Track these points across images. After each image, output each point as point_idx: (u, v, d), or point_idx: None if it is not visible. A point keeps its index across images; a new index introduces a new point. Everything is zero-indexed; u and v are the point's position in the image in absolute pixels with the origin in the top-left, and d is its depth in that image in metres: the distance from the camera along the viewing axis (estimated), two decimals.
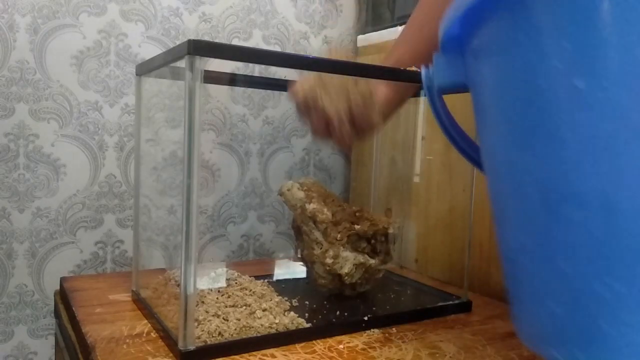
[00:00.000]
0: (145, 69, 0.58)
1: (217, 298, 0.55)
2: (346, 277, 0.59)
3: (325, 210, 0.59)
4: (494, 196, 0.36)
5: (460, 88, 0.40)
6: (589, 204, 0.26)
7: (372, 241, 0.62)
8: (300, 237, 0.63)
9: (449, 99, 0.43)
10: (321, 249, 0.59)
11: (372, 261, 0.61)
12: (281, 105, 0.95)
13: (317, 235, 0.59)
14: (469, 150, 0.44)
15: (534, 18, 0.28)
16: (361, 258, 0.60)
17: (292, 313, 0.53)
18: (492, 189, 0.36)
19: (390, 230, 0.63)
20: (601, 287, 0.26)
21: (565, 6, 0.26)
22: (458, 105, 0.47)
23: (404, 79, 0.57)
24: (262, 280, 0.64)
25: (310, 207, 0.59)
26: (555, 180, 0.28)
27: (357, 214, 0.62)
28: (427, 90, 0.43)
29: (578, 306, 0.28)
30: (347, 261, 0.59)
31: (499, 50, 0.32)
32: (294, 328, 0.51)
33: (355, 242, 0.61)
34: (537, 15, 0.28)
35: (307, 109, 0.59)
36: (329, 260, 0.59)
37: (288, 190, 0.61)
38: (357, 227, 0.61)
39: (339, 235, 0.59)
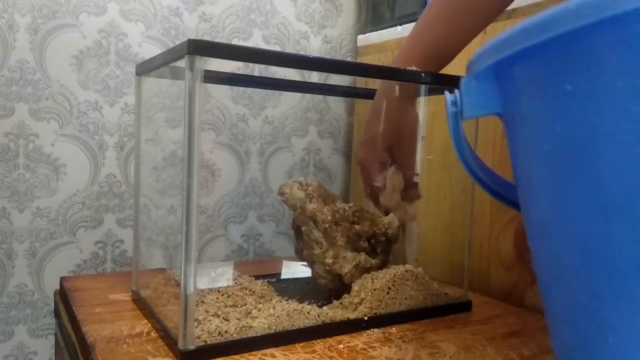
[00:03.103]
0: (145, 68, 0.58)
1: (217, 298, 0.55)
2: (346, 277, 0.59)
3: (325, 210, 0.59)
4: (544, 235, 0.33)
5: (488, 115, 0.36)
6: None
7: (372, 241, 0.62)
8: (300, 237, 0.63)
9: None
10: (321, 248, 0.59)
11: (372, 261, 0.61)
12: (281, 105, 0.95)
13: (317, 235, 0.59)
14: (498, 188, 0.40)
15: (601, 54, 0.25)
16: (361, 258, 0.60)
17: (289, 312, 0.53)
18: (541, 231, 0.33)
19: (390, 231, 0.63)
20: None
21: None
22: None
23: (404, 79, 0.57)
24: (262, 280, 0.64)
25: (310, 207, 0.59)
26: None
27: (357, 214, 0.62)
28: (451, 120, 0.37)
29: None
30: (347, 261, 0.59)
31: (553, 81, 0.27)
32: (293, 328, 0.51)
33: (355, 241, 0.61)
34: (604, 51, 0.24)
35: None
36: (329, 260, 0.59)
37: (288, 190, 0.60)
38: (357, 227, 0.61)
39: (338, 235, 0.59)
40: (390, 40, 0.93)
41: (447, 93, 0.37)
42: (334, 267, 0.59)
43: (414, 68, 0.56)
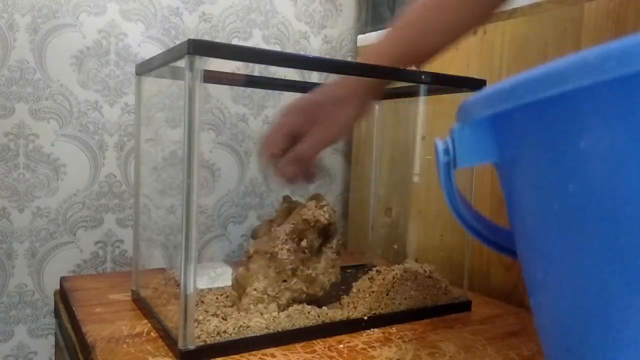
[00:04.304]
0: (145, 68, 0.58)
1: (217, 298, 0.55)
2: (322, 293, 0.56)
3: (256, 283, 0.54)
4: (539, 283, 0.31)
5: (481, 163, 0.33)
6: None
7: (317, 235, 0.57)
8: None
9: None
10: (286, 284, 0.55)
11: (329, 253, 0.57)
12: (281, 105, 0.95)
13: (276, 278, 0.55)
14: (495, 238, 0.38)
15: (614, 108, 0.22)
16: (303, 286, 0.55)
17: (290, 312, 0.53)
18: (537, 277, 0.31)
19: (323, 220, 0.56)
20: None
21: None
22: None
23: (403, 79, 0.57)
24: None
25: (287, 292, 0.54)
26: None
27: (289, 221, 0.57)
28: (443, 169, 0.34)
29: None
30: (314, 281, 0.55)
31: (565, 137, 0.25)
32: (293, 328, 0.51)
33: (309, 246, 0.56)
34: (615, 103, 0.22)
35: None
36: (316, 290, 0.56)
37: (253, 294, 0.54)
38: (302, 243, 0.56)
39: (300, 265, 0.55)
40: None
41: (438, 141, 0.34)
42: (318, 294, 0.56)
43: (413, 68, 0.56)
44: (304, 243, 0.55)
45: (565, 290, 0.28)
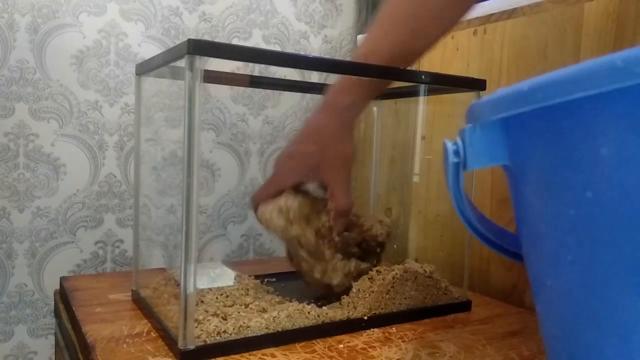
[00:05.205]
0: (145, 68, 0.58)
1: (217, 297, 0.55)
2: (337, 287, 0.59)
3: (307, 233, 0.57)
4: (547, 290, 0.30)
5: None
6: None
7: (363, 245, 0.62)
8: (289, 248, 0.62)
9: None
10: (309, 265, 0.58)
11: (362, 265, 0.61)
12: (281, 105, 0.95)
13: (304, 254, 0.58)
14: (500, 242, 0.37)
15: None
16: (352, 266, 0.59)
17: (290, 312, 0.53)
18: (544, 282, 0.30)
19: (380, 239, 0.62)
20: None
21: None
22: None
23: (403, 79, 0.57)
24: (261, 280, 0.64)
25: (293, 232, 0.57)
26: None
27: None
28: (452, 170, 0.33)
29: None
30: (337, 272, 0.58)
31: (584, 142, 0.24)
32: (293, 327, 0.51)
33: (345, 247, 0.60)
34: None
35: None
36: (317, 275, 0.58)
37: (267, 216, 0.58)
38: (345, 234, 0.59)
39: (325, 250, 0.58)
40: None
41: (447, 142, 0.33)
42: (323, 280, 0.58)
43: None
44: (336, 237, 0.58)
45: (577, 298, 0.27)
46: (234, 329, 0.48)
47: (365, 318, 0.55)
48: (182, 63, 0.45)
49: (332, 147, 0.57)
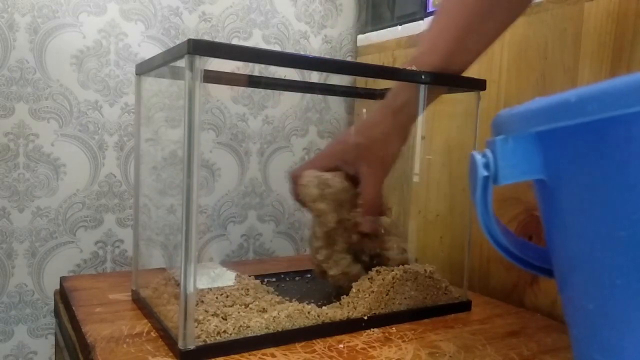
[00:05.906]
0: (145, 68, 0.58)
1: (217, 297, 0.55)
2: (331, 279, 0.60)
3: (330, 216, 0.58)
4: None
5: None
6: None
7: (375, 261, 0.62)
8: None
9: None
10: (317, 244, 0.60)
11: (362, 275, 0.61)
12: (281, 105, 0.95)
13: (319, 231, 0.59)
14: (527, 257, 0.36)
15: None
16: (353, 270, 0.60)
17: (290, 312, 0.53)
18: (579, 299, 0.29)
19: (390, 264, 0.62)
20: None
21: None
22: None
23: (403, 79, 0.57)
24: (261, 280, 0.64)
25: (320, 206, 0.58)
26: None
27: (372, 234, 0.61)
28: (481, 185, 0.30)
29: None
30: (338, 265, 0.59)
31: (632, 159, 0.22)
32: (293, 327, 0.51)
33: (358, 252, 0.61)
34: None
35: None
36: (320, 257, 0.59)
37: (304, 182, 0.58)
38: (364, 240, 0.61)
39: (339, 240, 0.59)
40: (390, 40, 0.93)
41: (476, 154, 0.31)
42: (322, 264, 0.60)
43: (413, 68, 0.56)
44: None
45: (628, 326, 0.25)
46: (234, 329, 0.48)
47: (365, 318, 0.55)
48: (182, 63, 0.45)
49: (378, 144, 0.58)
